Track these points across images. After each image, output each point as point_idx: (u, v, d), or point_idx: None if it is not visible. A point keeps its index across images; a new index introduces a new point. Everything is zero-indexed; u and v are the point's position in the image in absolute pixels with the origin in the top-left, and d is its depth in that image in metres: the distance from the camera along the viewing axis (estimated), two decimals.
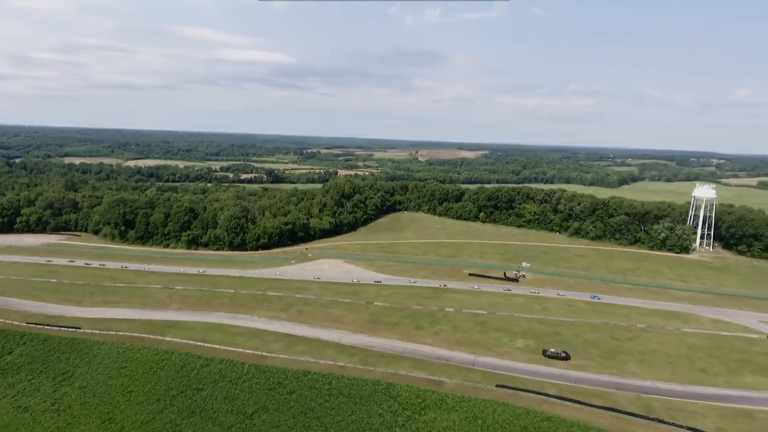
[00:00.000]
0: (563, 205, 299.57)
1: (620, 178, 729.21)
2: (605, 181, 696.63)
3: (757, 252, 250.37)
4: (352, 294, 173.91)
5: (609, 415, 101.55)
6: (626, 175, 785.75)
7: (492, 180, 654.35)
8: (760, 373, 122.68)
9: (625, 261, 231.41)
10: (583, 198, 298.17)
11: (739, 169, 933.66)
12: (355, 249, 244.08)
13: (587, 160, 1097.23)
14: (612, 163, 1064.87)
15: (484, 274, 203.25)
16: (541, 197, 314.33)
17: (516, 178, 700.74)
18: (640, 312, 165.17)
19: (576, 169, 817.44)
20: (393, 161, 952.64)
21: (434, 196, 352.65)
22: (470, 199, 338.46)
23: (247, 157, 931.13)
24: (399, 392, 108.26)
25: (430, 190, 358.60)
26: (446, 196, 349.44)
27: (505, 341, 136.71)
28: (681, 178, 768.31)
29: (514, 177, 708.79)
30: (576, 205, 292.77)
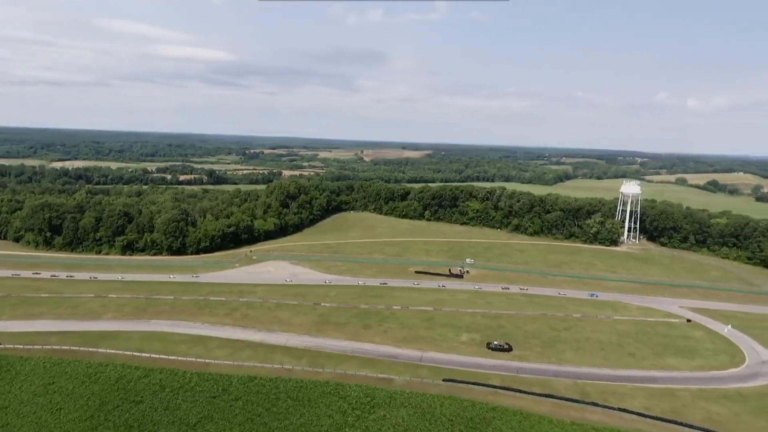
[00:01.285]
0: (504, 202, 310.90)
1: (555, 176, 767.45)
2: (542, 179, 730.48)
3: (676, 243, 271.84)
4: (299, 296, 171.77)
5: (548, 402, 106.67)
6: (561, 173, 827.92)
7: (436, 179, 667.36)
8: (680, 355, 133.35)
9: (561, 254, 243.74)
10: (522, 195, 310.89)
11: (660, 167, 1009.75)
12: (301, 250, 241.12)
13: (525, 159, 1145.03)
14: (548, 161, 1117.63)
15: (430, 271, 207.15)
16: (483, 195, 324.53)
17: (459, 177, 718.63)
18: (576, 302, 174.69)
19: (515, 168, 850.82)
20: (338, 161, 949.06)
21: (380, 195, 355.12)
22: (415, 198, 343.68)
23: (186, 158, 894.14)
24: (348, 392, 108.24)
25: (376, 190, 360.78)
26: (392, 196, 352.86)
27: (451, 336, 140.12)
28: (610, 176, 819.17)
29: (458, 176, 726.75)
30: (516, 203, 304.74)
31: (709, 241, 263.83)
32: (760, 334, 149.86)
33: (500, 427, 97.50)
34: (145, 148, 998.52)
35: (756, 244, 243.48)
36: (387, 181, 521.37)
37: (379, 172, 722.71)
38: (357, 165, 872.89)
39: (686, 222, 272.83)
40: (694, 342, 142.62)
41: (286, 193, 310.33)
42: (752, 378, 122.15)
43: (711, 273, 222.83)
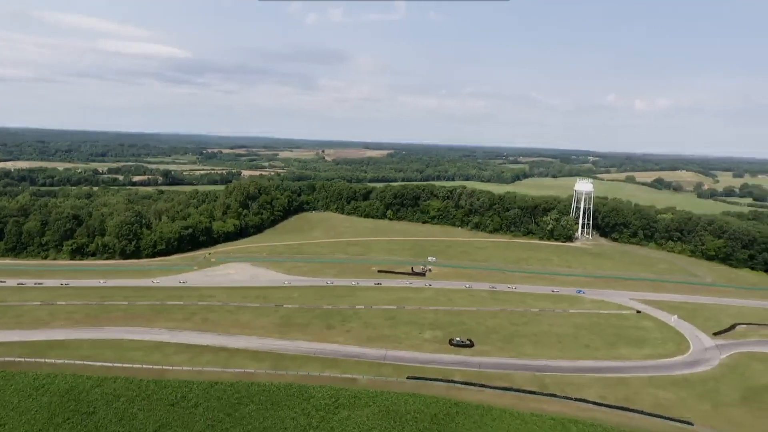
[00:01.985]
0: (464, 200, 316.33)
1: (513, 175, 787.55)
2: (501, 178, 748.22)
3: (626, 238, 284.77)
4: (260, 298, 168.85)
5: (509, 395, 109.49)
6: (518, 171, 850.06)
7: (398, 178, 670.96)
8: (631, 345, 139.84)
9: (520, 251, 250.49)
10: (482, 194, 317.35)
11: (611, 166, 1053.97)
12: (262, 251, 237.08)
13: (484, 158, 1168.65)
14: (506, 161, 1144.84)
15: (393, 270, 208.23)
16: (444, 194, 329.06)
17: (420, 176, 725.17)
18: (534, 297, 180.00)
19: (475, 167, 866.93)
20: (299, 161, 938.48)
21: (342, 195, 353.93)
22: (377, 198, 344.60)
23: (140, 158, 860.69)
24: (312, 394, 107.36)
25: (338, 190, 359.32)
26: (354, 195, 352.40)
27: (414, 334, 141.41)
28: (564, 174, 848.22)
29: (419, 175, 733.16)
30: (476, 201, 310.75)
31: (656, 235, 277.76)
32: (703, 323, 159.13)
33: (463, 421, 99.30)
34: (95, 147, 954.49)
35: (698, 238, 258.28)
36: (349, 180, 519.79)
37: (341, 171, 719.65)
38: (318, 165, 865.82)
39: (635, 218, 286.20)
40: (644, 332, 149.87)
41: (246, 194, 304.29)
42: (697, 364, 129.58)
43: (658, 266, 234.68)
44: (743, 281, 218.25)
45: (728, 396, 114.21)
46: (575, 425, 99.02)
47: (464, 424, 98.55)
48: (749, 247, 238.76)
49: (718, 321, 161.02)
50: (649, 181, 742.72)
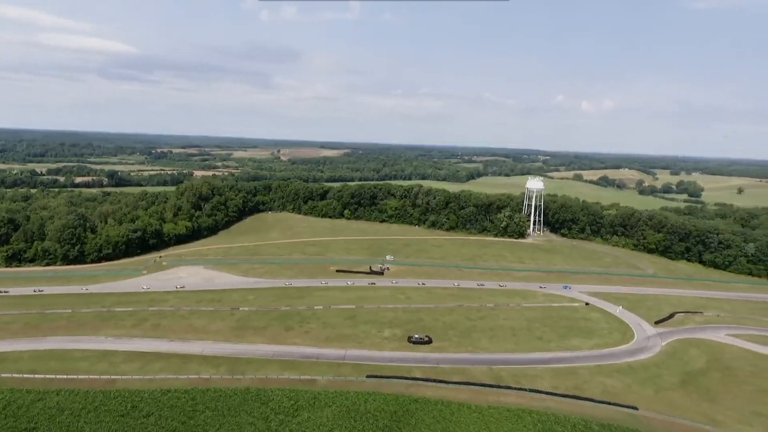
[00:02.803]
0: (421, 199, 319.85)
1: (468, 174, 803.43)
2: (456, 177, 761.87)
3: (575, 234, 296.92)
4: (215, 301, 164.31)
5: (467, 389, 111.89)
6: (473, 170, 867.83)
7: (355, 178, 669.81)
8: (581, 336, 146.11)
9: (475, 248, 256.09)
10: (438, 193, 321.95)
11: (560, 164, 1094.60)
12: (216, 254, 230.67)
13: (440, 157, 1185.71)
14: (461, 160, 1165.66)
15: (351, 269, 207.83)
16: (401, 193, 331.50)
17: (377, 175, 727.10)
18: (489, 292, 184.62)
19: (431, 166, 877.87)
20: (254, 161, 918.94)
21: (298, 195, 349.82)
22: (335, 197, 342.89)
23: (83, 158, 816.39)
24: (270, 397, 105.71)
25: (294, 190, 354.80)
26: (311, 195, 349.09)
27: (373, 332, 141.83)
28: (516, 173, 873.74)
29: (376, 175, 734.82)
30: (432, 199, 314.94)
31: (602, 231, 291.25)
32: (645, 312, 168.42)
33: (423, 417, 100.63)
34: (33, 147, 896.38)
35: (640, 232, 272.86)
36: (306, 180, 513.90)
37: (298, 171, 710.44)
38: (274, 165, 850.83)
39: (583, 214, 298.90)
40: (592, 323, 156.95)
41: (199, 195, 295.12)
42: (640, 352, 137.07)
43: (604, 259, 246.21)
44: (680, 272, 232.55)
45: (668, 381, 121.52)
46: (530, 415, 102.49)
47: (424, 419, 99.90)
48: (685, 240, 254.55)
49: (658, 310, 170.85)
50: (595, 179, 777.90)
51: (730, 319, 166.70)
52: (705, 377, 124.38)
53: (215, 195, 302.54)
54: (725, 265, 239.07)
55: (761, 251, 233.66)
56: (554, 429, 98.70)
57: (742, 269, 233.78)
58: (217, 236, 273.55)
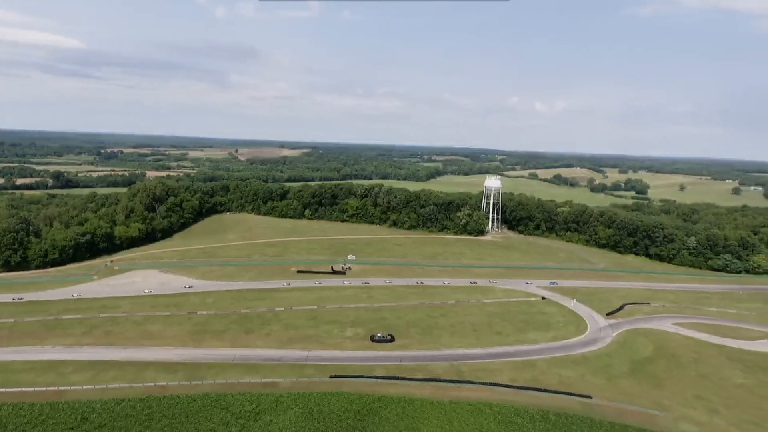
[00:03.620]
0: (382, 198, 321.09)
1: (428, 173, 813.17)
2: (416, 176, 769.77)
3: (531, 230, 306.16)
4: (171, 306, 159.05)
5: (430, 385, 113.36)
6: (433, 169, 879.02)
7: (315, 177, 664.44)
8: (538, 329, 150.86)
9: (436, 246, 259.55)
10: (399, 192, 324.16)
11: (516, 163, 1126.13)
12: (172, 257, 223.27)
13: (400, 157, 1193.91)
14: (421, 159, 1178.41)
15: (313, 269, 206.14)
16: (362, 192, 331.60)
17: (338, 175, 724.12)
18: (450, 289, 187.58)
19: (391, 166, 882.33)
20: (211, 161, 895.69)
21: (258, 195, 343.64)
22: (295, 197, 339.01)
23: (25, 159, 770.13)
24: (231, 402, 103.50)
25: (253, 190, 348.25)
26: (270, 195, 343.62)
27: (336, 332, 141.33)
28: (475, 172, 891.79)
29: (336, 174, 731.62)
30: (393, 198, 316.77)
31: (557, 227, 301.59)
32: (598, 305, 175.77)
33: (386, 415, 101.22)
34: None
35: (592, 228, 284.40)
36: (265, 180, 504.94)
37: (256, 171, 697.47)
38: (232, 165, 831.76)
39: (538, 212, 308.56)
40: (548, 316, 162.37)
41: (152, 196, 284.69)
42: (593, 343, 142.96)
43: (559, 255, 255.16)
44: (629, 265, 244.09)
45: (619, 369, 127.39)
46: (490, 408, 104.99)
47: (387, 417, 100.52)
48: (633, 235, 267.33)
49: (610, 303, 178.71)
50: (549, 177, 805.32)
51: (675, 309, 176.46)
52: (652, 365, 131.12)
53: (170, 196, 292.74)
54: (669, 257, 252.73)
55: (701, 244, 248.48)
56: (514, 421, 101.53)
57: (685, 261, 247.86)
58: (172, 239, 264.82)
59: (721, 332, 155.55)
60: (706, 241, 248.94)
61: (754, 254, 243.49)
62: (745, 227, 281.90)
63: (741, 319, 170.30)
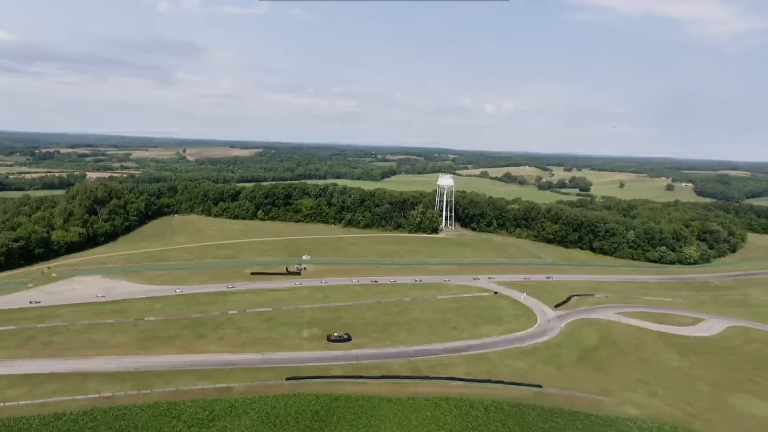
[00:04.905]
0: (336, 198, 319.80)
1: (382, 172, 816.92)
2: (370, 175, 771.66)
3: (483, 227, 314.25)
4: (116, 313, 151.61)
5: (387, 383, 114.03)
6: (387, 169, 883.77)
7: (268, 178, 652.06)
8: (491, 323, 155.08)
9: (391, 244, 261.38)
10: (353, 191, 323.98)
11: (468, 162, 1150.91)
12: (116, 261, 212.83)
13: (354, 156, 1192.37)
14: (375, 159, 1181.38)
15: (267, 271, 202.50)
16: (316, 192, 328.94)
17: (291, 175, 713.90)
18: (405, 287, 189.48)
19: (345, 165, 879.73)
20: (157, 161, 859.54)
21: (208, 196, 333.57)
22: (247, 198, 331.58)
23: None
24: (182, 410, 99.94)
25: (203, 191, 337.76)
26: (221, 196, 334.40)
27: (292, 334, 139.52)
28: (428, 171, 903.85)
29: (290, 174, 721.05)
30: (347, 198, 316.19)
31: (507, 224, 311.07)
32: (546, 297, 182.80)
33: (344, 414, 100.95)
34: None
35: (540, 224, 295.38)
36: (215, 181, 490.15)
37: (206, 171, 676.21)
38: (179, 165, 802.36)
39: (490, 209, 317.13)
40: (501, 310, 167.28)
41: (93, 198, 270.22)
42: (543, 334, 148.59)
43: (509, 250, 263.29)
44: (575, 259, 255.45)
45: (568, 358, 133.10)
46: (446, 402, 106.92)
47: (345, 416, 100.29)
48: (578, 230, 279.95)
49: (558, 295, 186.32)
50: (500, 175, 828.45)
51: (617, 299, 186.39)
52: (597, 352, 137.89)
53: (113, 198, 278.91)
54: (611, 251, 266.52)
55: (639, 237, 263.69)
56: (470, 413, 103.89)
57: (625, 254, 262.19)
58: (116, 243, 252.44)
59: (659, 319, 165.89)
60: (644, 234, 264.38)
61: (686, 246, 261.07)
62: (677, 221, 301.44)
63: (675, 307, 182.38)
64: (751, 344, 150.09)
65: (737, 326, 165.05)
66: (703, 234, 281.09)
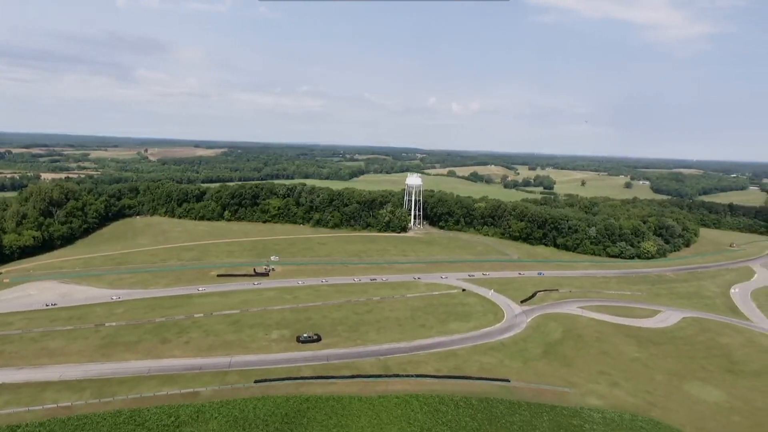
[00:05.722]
0: (304, 198, 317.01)
1: (350, 172, 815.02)
2: (339, 175, 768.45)
3: (451, 226, 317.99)
4: (75, 319, 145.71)
5: (357, 382, 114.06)
6: (355, 168, 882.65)
7: (234, 178, 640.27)
8: (459, 320, 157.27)
9: (360, 244, 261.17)
10: (322, 190, 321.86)
11: (436, 162, 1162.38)
12: (74, 265, 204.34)
13: (322, 156, 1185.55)
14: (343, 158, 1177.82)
15: (234, 273, 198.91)
16: (284, 192, 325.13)
17: (258, 175, 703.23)
18: (375, 286, 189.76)
19: (313, 165, 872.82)
20: (117, 161, 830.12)
21: (171, 197, 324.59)
22: (213, 198, 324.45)
23: None
24: (146, 417, 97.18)
25: (167, 191, 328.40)
26: (186, 197, 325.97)
27: (260, 336, 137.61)
28: (396, 170, 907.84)
29: (257, 174, 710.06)
30: (316, 198, 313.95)
31: (474, 222, 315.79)
32: (513, 293, 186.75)
33: (314, 415, 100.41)
34: None
35: (506, 222, 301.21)
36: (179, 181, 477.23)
37: (169, 172, 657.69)
38: (141, 165, 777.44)
39: (457, 207, 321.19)
40: (469, 307, 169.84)
41: (49, 200, 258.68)
42: (509, 330, 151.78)
43: (477, 248, 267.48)
44: (539, 255, 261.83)
45: (534, 353, 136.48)
46: (416, 400, 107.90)
47: (315, 417, 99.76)
48: (543, 227, 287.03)
49: (524, 291, 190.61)
50: (466, 174, 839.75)
51: (580, 294, 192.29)
52: (562, 346, 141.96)
53: (70, 199, 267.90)
54: (574, 247, 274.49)
55: (600, 234, 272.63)
56: (439, 409, 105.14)
57: (587, 250, 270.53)
58: (74, 246, 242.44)
59: (619, 312, 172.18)
60: (605, 230, 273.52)
61: (644, 241, 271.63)
62: (635, 217, 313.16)
63: (634, 300, 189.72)
64: (703, 334, 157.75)
65: (691, 317, 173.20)
66: (659, 230, 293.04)
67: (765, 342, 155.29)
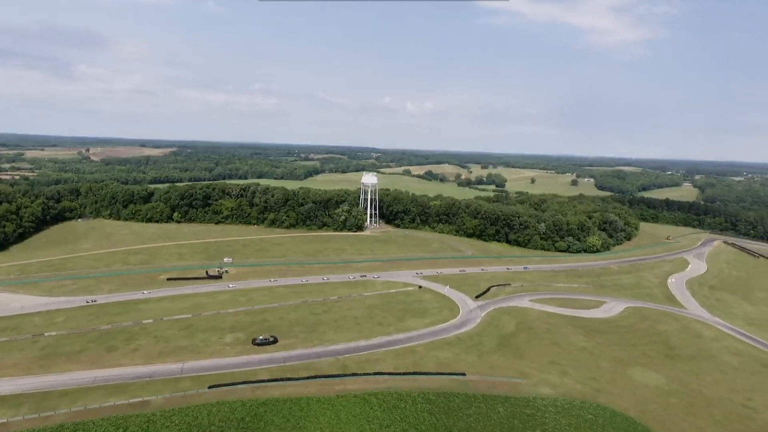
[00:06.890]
0: (258, 198, 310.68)
1: (306, 171, 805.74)
2: (294, 174, 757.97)
3: (407, 224, 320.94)
4: (9, 329, 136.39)
5: (315, 383, 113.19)
6: (311, 168, 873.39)
7: (184, 178, 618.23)
8: (416, 317, 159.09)
9: (316, 243, 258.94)
10: (276, 190, 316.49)
11: (391, 160, 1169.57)
12: (8, 272, 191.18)
13: (276, 155, 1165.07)
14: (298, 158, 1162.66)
15: (185, 276, 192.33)
16: (237, 192, 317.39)
17: (210, 175, 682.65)
18: (332, 286, 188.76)
19: (267, 165, 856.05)
20: (56, 161, 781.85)
21: (116, 198, 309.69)
22: (161, 199, 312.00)
23: None
24: (92, 429, 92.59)
25: (111, 193, 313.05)
26: (132, 198, 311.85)
27: (213, 340, 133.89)
28: (352, 169, 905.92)
29: (208, 174, 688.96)
30: (270, 197, 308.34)
31: (430, 220, 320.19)
32: (468, 289, 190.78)
33: (272, 419, 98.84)
34: None
35: (460, 219, 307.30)
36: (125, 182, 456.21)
37: (114, 173, 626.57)
38: (83, 165, 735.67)
39: (413, 206, 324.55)
40: (425, 304, 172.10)
41: None
42: (465, 325, 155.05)
43: (433, 245, 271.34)
44: (493, 252, 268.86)
45: (488, 346, 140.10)
46: (375, 397, 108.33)
47: (273, 421, 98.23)
48: (495, 224, 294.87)
49: (478, 286, 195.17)
50: (421, 173, 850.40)
51: (531, 288, 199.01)
52: (515, 338, 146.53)
53: (2, 202, 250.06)
54: (525, 242, 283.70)
55: (549, 229, 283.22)
56: (398, 405, 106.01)
57: (537, 245, 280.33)
58: (7, 252, 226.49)
59: (567, 304, 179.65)
60: (553, 226, 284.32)
61: (590, 236, 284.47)
62: (582, 213, 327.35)
63: (581, 292, 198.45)
64: (644, 322, 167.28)
65: (633, 306, 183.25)
66: (603, 225, 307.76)
67: (698, 327, 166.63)
